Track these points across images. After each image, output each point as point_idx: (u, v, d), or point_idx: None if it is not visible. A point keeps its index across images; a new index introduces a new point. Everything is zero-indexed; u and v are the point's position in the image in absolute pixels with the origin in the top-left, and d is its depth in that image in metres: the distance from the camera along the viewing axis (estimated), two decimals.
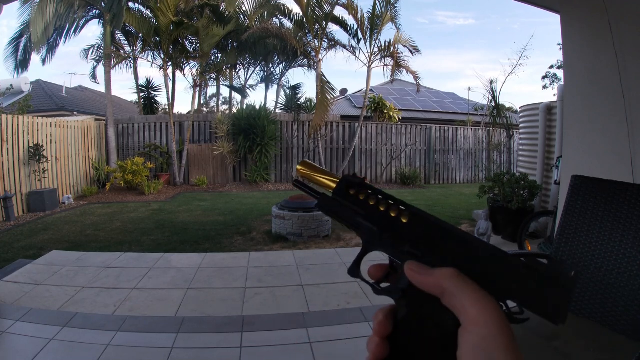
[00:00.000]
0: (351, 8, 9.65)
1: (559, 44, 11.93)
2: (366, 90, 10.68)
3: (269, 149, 9.69)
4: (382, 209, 0.34)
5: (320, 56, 10.22)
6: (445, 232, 0.31)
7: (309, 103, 11.19)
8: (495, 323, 0.25)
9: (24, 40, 8.89)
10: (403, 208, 0.34)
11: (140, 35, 9.87)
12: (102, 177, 8.56)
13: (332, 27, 10.72)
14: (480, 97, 19.69)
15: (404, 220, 0.33)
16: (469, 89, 24.93)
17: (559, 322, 0.26)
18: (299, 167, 0.41)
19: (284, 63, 12.08)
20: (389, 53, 10.13)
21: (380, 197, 0.35)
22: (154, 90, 12.11)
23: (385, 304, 0.33)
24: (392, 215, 0.34)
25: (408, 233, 0.33)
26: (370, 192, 0.36)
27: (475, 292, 0.26)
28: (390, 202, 0.35)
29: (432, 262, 0.31)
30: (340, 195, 0.36)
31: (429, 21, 60.60)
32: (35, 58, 16.60)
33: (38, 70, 70.32)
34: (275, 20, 11.42)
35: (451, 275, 0.28)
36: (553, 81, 13.86)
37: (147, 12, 9.82)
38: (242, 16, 11.28)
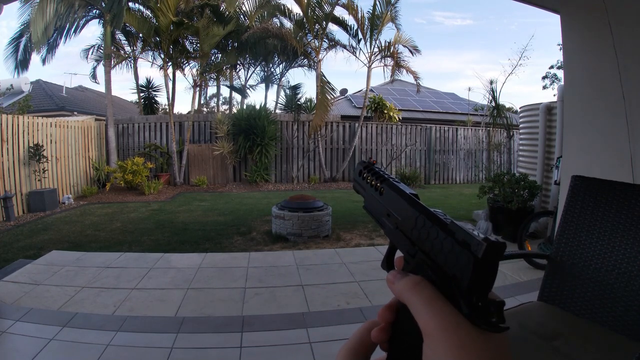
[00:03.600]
0: (351, 8, 9.65)
1: (559, 44, 11.93)
2: (366, 90, 10.68)
3: (269, 149, 9.69)
4: (372, 185, 0.40)
5: (320, 56, 10.22)
6: (401, 198, 0.35)
7: (309, 103, 11.17)
8: (443, 334, 0.25)
9: (24, 40, 8.88)
10: (381, 184, 0.39)
11: (140, 35, 9.86)
12: (102, 177, 8.55)
13: (332, 27, 10.74)
14: (480, 97, 19.72)
15: (382, 193, 0.38)
16: (469, 89, 24.93)
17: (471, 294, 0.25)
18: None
19: (284, 63, 12.07)
20: (389, 53, 10.13)
21: (379, 176, 0.40)
22: (154, 90, 12.11)
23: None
24: (377, 190, 0.39)
25: (384, 206, 0.37)
26: (372, 173, 0.41)
27: (425, 305, 0.26)
28: (381, 179, 0.39)
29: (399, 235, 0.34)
30: (356, 179, 0.44)
31: (426, 21, 60.66)
32: (35, 58, 16.64)
33: (38, 70, 70.42)
34: (275, 20, 11.41)
35: (407, 287, 0.28)
36: (553, 81, 13.86)
37: (147, 12, 9.82)
38: (242, 16, 11.27)
